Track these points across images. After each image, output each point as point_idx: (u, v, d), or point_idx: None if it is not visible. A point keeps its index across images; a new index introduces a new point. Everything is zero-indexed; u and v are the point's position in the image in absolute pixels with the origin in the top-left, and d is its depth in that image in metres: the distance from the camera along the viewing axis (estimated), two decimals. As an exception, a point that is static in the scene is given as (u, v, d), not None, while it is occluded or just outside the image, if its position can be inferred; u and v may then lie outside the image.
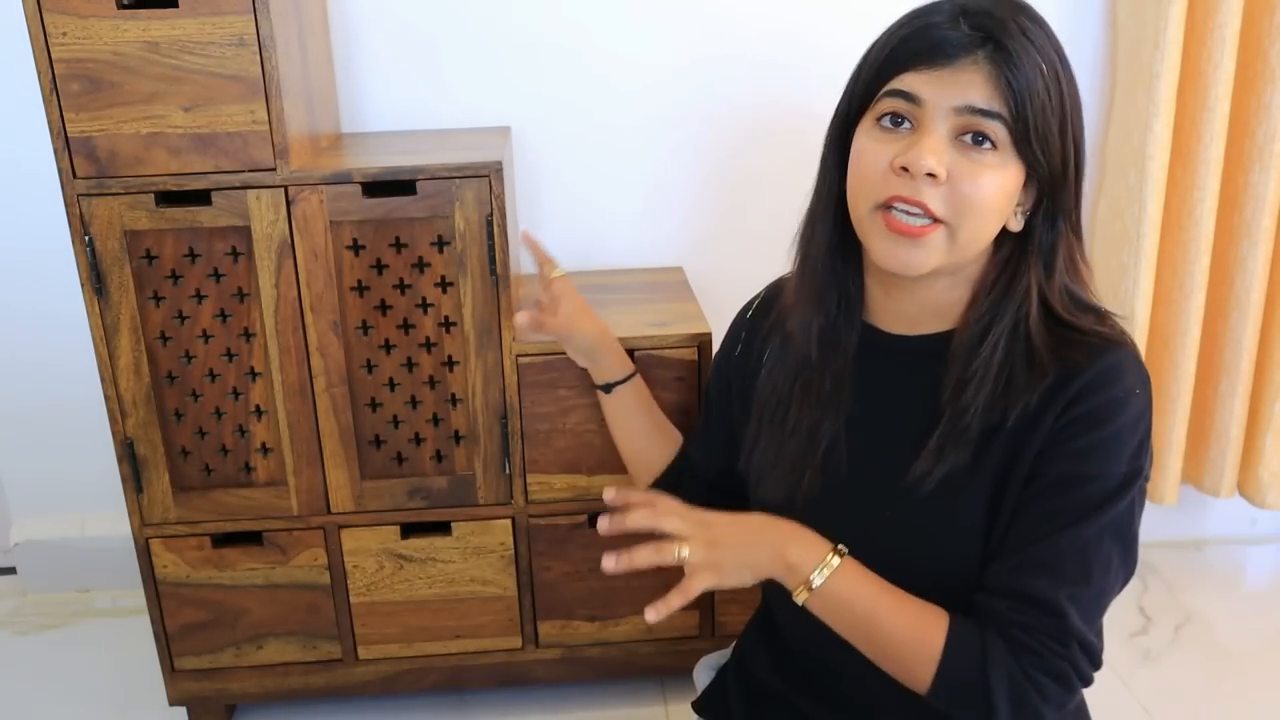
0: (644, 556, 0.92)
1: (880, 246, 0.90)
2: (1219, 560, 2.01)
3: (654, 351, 1.42)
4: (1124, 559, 0.89)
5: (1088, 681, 0.89)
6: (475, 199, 1.34)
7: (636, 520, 0.95)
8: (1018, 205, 0.91)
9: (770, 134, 1.73)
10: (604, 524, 0.97)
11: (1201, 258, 1.72)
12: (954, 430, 0.91)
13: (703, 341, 1.43)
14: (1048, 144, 0.87)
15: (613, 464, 1.47)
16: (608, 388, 1.30)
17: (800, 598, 0.92)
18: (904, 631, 0.90)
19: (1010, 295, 0.92)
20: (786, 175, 1.74)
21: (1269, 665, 1.72)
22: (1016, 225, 0.92)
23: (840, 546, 0.93)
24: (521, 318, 1.26)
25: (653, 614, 0.91)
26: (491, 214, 1.35)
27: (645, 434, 1.30)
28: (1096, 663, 0.89)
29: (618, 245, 1.77)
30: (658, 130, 1.72)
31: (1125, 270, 1.74)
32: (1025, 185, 0.90)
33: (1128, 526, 0.89)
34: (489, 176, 1.34)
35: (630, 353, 1.42)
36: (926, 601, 0.91)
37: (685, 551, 0.92)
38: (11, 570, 1.96)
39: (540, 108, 1.69)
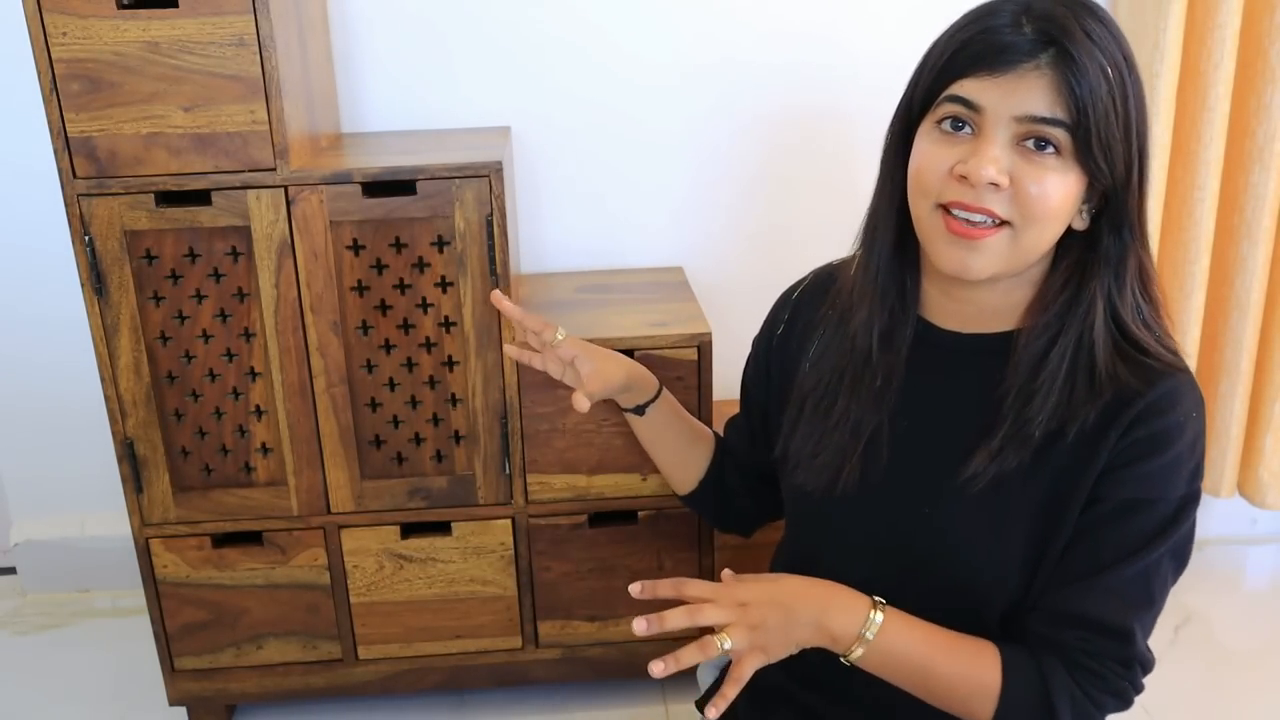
0: (690, 655, 0.90)
1: (940, 250, 0.89)
2: (1219, 560, 2.01)
3: (654, 351, 1.42)
4: (1177, 570, 0.92)
5: (1141, 691, 0.92)
6: (475, 199, 1.34)
7: (676, 622, 0.91)
8: (1083, 204, 0.89)
9: (771, 134, 1.73)
10: (640, 625, 0.91)
11: (1201, 258, 1.72)
12: (1016, 435, 0.91)
13: (703, 341, 1.43)
14: (1111, 150, 0.85)
15: (613, 464, 1.47)
16: (641, 410, 1.26)
17: (853, 657, 0.92)
18: (959, 675, 0.91)
19: (1078, 302, 0.90)
20: (788, 174, 1.74)
21: (1269, 665, 1.72)
22: (1082, 224, 0.90)
23: (878, 599, 0.93)
24: (580, 402, 1.15)
25: (713, 711, 0.90)
26: (491, 214, 1.35)
27: (685, 441, 1.27)
28: (1149, 671, 0.93)
29: (618, 245, 1.77)
30: (658, 130, 1.72)
31: (1125, 270, 1.74)
32: (1090, 188, 0.88)
33: (1186, 545, 0.92)
34: (489, 176, 1.34)
35: (630, 353, 1.42)
36: (970, 636, 0.93)
37: (728, 643, 0.90)
38: (11, 570, 1.96)
39: (540, 107, 1.69)
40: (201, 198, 1.32)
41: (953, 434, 0.95)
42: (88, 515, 1.90)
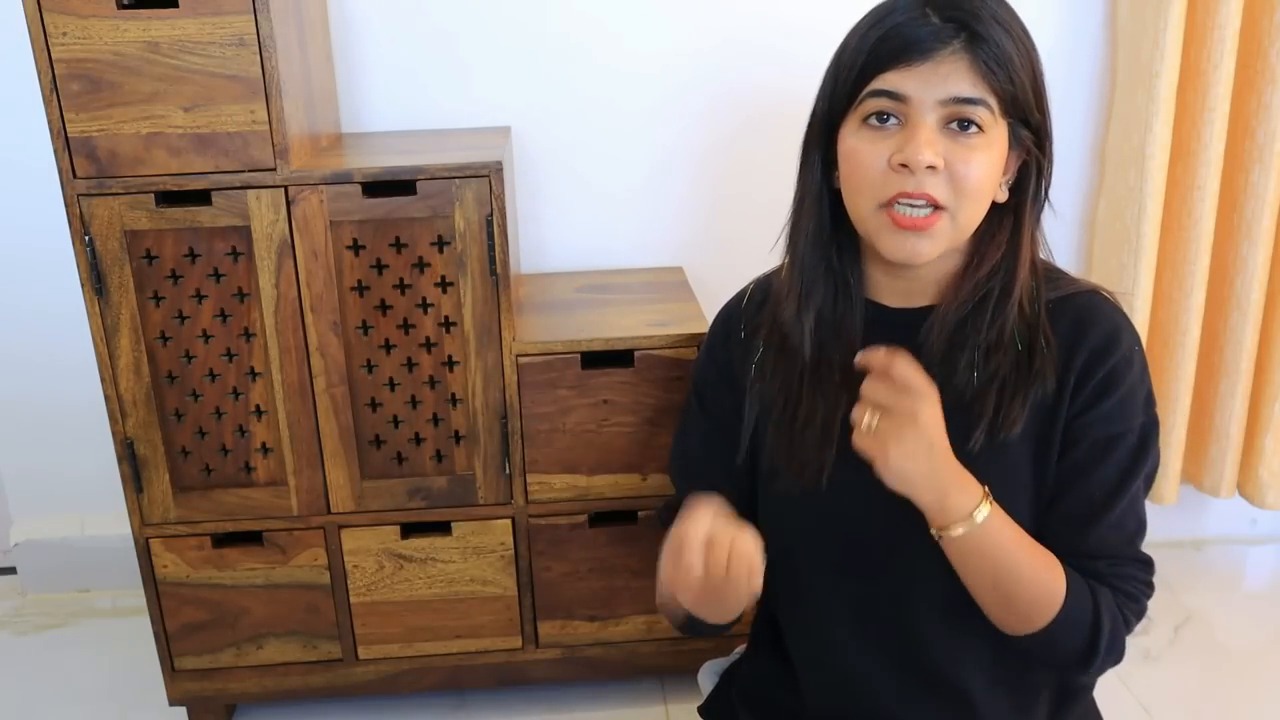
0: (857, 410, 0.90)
1: (888, 241, 0.93)
2: (1219, 560, 2.01)
3: (654, 351, 1.42)
4: (1147, 493, 1.00)
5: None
6: (475, 199, 1.34)
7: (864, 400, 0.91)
8: (1003, 177, 0.95)
9: (773, 133, 1.73)
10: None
11: (1201, 257, 1.72)
12: (948, 392, 0.94)
13: (702, 341, 1.43)
14: (1029, 116, 0.93)
15: (613, 464, 1.47)
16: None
17: (952, 533, 0.91)
18: (1037, 580, 0.93)
19: (1015, 269, 0.96)
20: (789, 175, 1.74)
21: (1269, 665, 1.72)
22: (1003, 196, 0.96)
23: (987, 489, 0.92)
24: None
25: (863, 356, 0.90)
26: (491, 214, 1.35)
27: None
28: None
29: (618, 245, 1.77)
30: (658, 130, 1.72)
31: (1125, 270, 1.74)
32: (1007, 158, 0.94)
33: (1154, 471, 0.99)
34: (489, 176, 1.34)
35: (630, 353, 1.42)
36: (1044, 548, 0.95)
37: (874, 423, 0.89)
38: (11, 570, 1.96)
39: (540, 107, 1.69)
40: (201, 198, 1.32)
41: None
42: (88, 515, 1.90)
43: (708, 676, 1.26)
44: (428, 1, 1.63)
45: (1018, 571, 0.92)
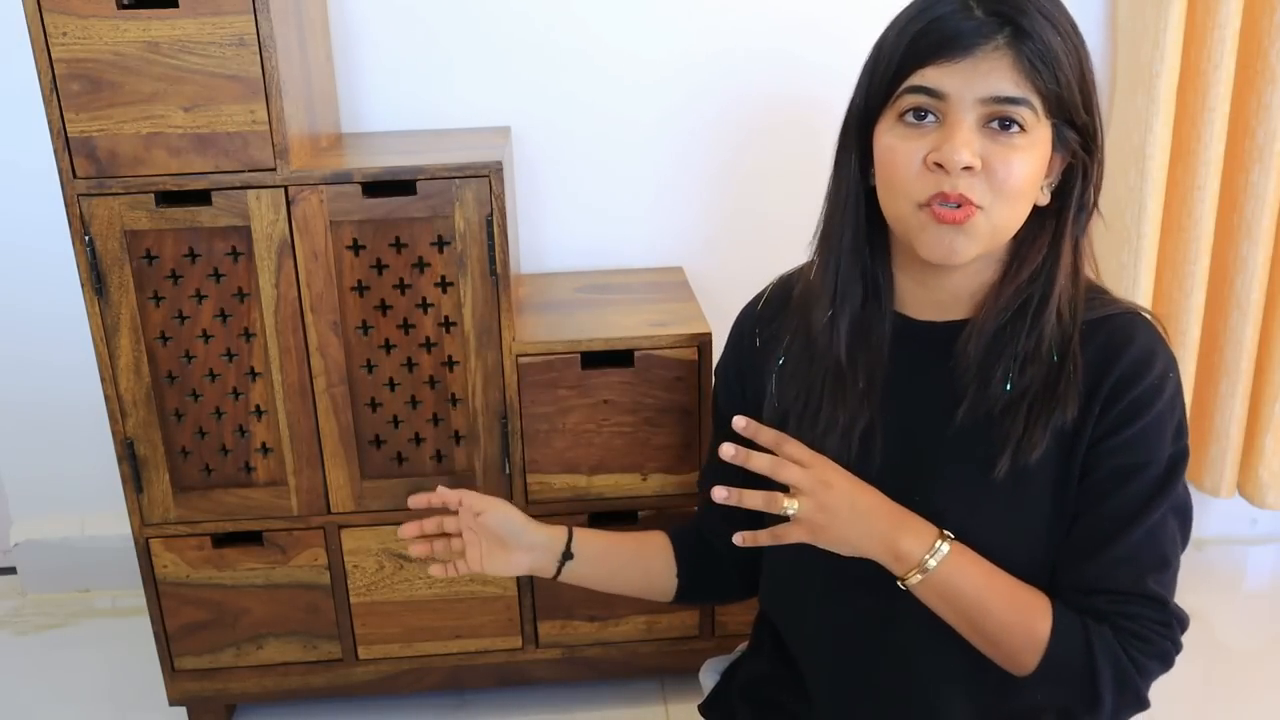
0: (752, 500, 0.93)
1: (927, 238, 0.89)
2: (1219, 560, 2.01)
3: (654, 351, 1.42)
4: (1183, 529, 0.94)
5: (1180, 649, 0.94)
6: (475, 199, 1.34)
7: (759, 465, 0.94)
8: (1045, 179, 0.91)
9: (771, 133, 1.73)
10: (720, 493, 0.94)
11: (1201, 257, 1.72)
12: (981, 407, 0.92)
13: (703, 341, 1.43)
14: (1075, 117, 0.88)
15: (613, 464, 1.47)
16: (568, 554, 1.15)
17: (910, 582, 0.91)
18: (1012, 620, 0.90)
19: (1054, 275, 0.92)
20: (788, 174, 1.74)
21: (1269, 665, 1.72)
22: (1044, 199, 0.92)
23: (947, 533, 0.91)
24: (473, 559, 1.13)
25: (739, 539, 0.95)
26: (491, 214, 1.35)
27: (636, 555, 1.18)
28: (1186, 628, 0.95)
29: (618, 245, 1.77)
30: (658, 130, 1.72)
31: (1125, 270, 1.74)
32: (1051, 160, 0.90)
33: (1184, 502, 0.94)
34: (489, 176, 1.34)
35: (630, 353, 1.42)
36: (1029, 586, 0.92)
37: (793, 509, 0.92)
38: (11, 570, 1.96)
39: (541, 107, 1.69)
40: (201, 198, 1.32)
41: (941, 423, 0.94)
42: (88, 515, 1.90)
43: (709, 675, 1.26)
44: (428, 2, 1.63)
45: (990, 609, 0.90)
